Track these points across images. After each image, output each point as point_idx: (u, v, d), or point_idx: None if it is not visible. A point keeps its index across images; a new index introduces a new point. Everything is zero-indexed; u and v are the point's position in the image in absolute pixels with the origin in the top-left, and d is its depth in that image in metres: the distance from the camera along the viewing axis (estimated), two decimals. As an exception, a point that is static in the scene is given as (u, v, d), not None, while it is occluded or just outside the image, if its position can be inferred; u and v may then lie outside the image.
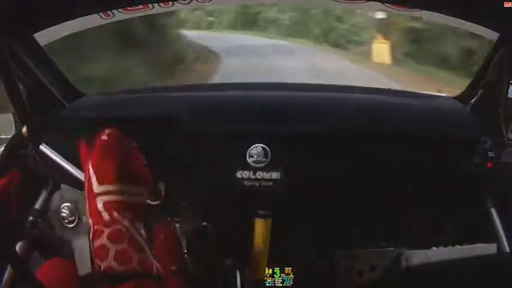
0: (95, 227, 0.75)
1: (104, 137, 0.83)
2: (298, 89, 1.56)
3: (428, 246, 1.29)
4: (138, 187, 0.80)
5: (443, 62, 8.28)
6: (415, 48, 9.30)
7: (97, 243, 0.74)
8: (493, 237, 1.25)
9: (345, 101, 1.47)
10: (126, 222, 0.75)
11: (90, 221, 0.76)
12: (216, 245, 1.25)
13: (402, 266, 1.28)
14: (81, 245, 0.95)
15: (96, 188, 0.77)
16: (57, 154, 1.15)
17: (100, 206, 0.76)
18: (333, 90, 1.60)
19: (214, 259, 1.23)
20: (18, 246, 1.21)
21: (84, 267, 0.92)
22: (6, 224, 0.92)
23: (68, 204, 1.30)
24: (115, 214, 0.75)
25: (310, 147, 1.31)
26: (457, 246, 1.26)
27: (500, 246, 1.23)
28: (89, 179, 0.78)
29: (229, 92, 1.56)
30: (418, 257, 1.29)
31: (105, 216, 0.75)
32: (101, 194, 0.76)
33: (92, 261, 0.79)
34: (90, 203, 0.77)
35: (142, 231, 0.77)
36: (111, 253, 0.72)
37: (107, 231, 0.74)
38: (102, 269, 0.72)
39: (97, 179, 0.77)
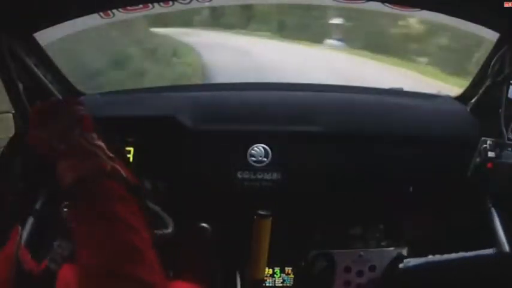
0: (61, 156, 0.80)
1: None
2: (298, 89, 1.56)
3: (428, 246, 1.29)
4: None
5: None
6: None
7: (63, 164, 0.78)
8: (492, 237, 1.25)
9: (345, 101, 1.47)
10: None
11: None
12: (216, 245, 1.25)
13: (402, 266, 1.28)
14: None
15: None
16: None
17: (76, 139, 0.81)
18: (333, 90, 1.60)
19: (214, 259, 1.23)
20: (18, 247, 1.21)
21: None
22: (6, 224, 0.92)
23: (68, 204, 1.30)
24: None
25: (310, 147, 1.31)
26: (457, 246, 1.26)
27: (499, 246, 1.23)
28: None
29: (229, 92, 1.56)
30: (418, 256, 1.29)
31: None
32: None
33: None
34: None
35: (98, 142, 0.82)
36: (79, 165, 0.77)
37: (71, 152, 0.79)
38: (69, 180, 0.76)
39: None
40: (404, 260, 1.29)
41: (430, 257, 1.26)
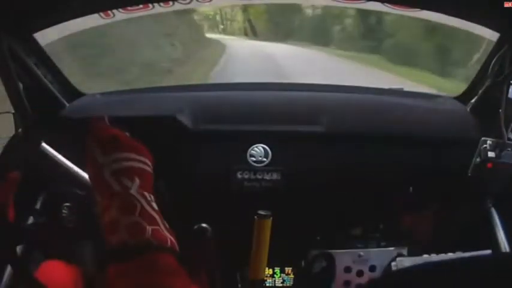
0: (104, 202, 0.70)
1: (96, 120, 0.83)
2: (299, 89, 1.56)
3: (428, 246, 1.29)
4: (142, 156, 0.76)
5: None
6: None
7: (106, 217, 0.69)
8: (492, 237, 1.25)
9: (345, 101, 1.47)
10: (135, 193, 0.70)
11: (98, 197, 0.72)
12: (216, 245, 1.24)
13: (402, 266, 1.28)
14: (80, 245, 0.95)
15: (101, 158, 0.73)
16: (57, 154, 1.15)
17: (107, 175, 0.71)
18: (333, 90, 1.60)
19: (214, 259, 1.23)
20: (18, 246, 1.21)
21: (83, 267, 0.92)
22: (6, 224, 0.92)
23: (68, 204, 1.30)
24: (124, 181, 0.70)
25: (310, 147, 1.31)
26: (457, 246, 1.26)
27: (499, 246, 1.23)
28: (92, 154, 0.74)
29: (230, 92, 1.56)
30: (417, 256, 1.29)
31: (114, 185, 0.70)
32: (108, 163, 0.72)
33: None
34: (96, 176, 0.72)
35: (154, 204, 0.72)
36: (122, 225, 0.67)
37: (116, 203, 0.69)
38: (113, 243, 0.67)
39: (101, 150, 0.74)
40: (398, 259, 1.28)
41: (430, 257, 1.26)
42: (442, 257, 1.24)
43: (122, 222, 0.67)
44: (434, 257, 1.24)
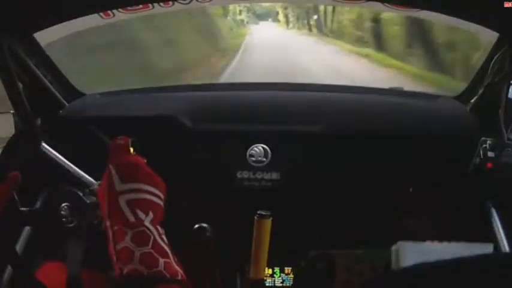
0: (116, 228, 0.71)
1: (120, 141, 0.81)
2: (299, 89, 1.57)
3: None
4: (158, 189, 0.77)
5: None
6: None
7: (120, 245, 0.70)
8: (492, 237, 1.25)
9: (345, 101, 1.47)
10: (149, 225, 0.72)
11: (109, 222, 0.72)
12: (216, 245, 1.25)
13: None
14: (76, 246, 0.95)
15: (118, 186, 0.73)
16: (57, 154, 1.15)
17: (123, 203, 0.72)
18: (333, 90, 1.60)
19: (214, 259, 1.23)
20: (18, 246, 1.21)
21: (74, 267, 0.92)
22: (6, 224, 0.92)
23: (68, 204, 1.30)
24: (139, 213, 0.72)
25: (310, 147, 1.31)
26: (457, 246, 1.26)
27: (499, 246, 1.23)
28: (110, 177, 0.75)
29: (230, 92, 1.56)
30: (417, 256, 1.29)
31: (129, 215, 0.71)
32: (124, 192, 0.73)
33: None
34: (111, 202, 0.73)
35: (164, 238, 0.73)
36: (136, 256, 0.68)
37: (130, 232, 0.70)
38: (125, 272, 0.68)
39: (120, 176, 0.74)
40: (398, 242, 1.25)
41: (430, 257, 1.25)
42: (445, 245, 1.23)
43: (136, 253, 0.69)
44: (437, 245, 1.23)
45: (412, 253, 1.17)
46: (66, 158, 1.14)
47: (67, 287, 0.91)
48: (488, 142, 1.25)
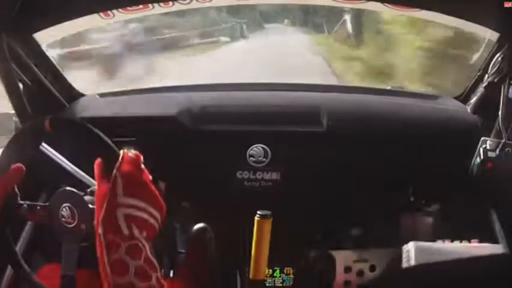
0: (109, 238, 0.72)
1: (132, 155, 0.80)
2: (299, 89, 1.56)
3: None
4: (158, 212, 0.78)
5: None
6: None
7: (114, 256, 0.71)
8: (492, 238, 1.25)
9: (345, 101, 1.47)
10: (142, 239, 0.73)
11: (101, 230, 0.72)
12: (216, 245, 1.25)
13: (402, 266, 1.28)
14: (72, 246, 0.95)
15: (120, 197, 0.73)
16: (57, 154, 1.15)
17: (120, 216, 0.72)
18: (333, 90, 1.60)
19: (215, 259, 1.23)
20: (18, 246, 1.21)
21: (69, 267, 0.92)
22: (6, 223, 0.92)
23: (68, 204, 1.30)
24: (134, 230, 0.73)
25: (310, 147, 1.31)
26: (467, 246, 1.26)
27: (499, 247, 1.23)
28: (114, 186, 0.74)
29: (229, 92, 1.56)
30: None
31: (124, 229, 0.72)
32: (125, 205, 0.73)
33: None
34: (108, 211, 0.73)
35: (153, 253, 0.75)
36: (131, 269, 0.70)
37: (124, 245, 0.71)
38: (121, 282, 0.70)
39: (124, 190, 0.74)
40: (410, 243, 1.24)
41: (429, 257, 1.25)
42: (455, 245, 1.23)
43: (131, 266, 0.71)
44: (448, 244, 1.23)
45: (423, 252, 1.18)
46: (66, 158, 1.14)
47: (61, 286, 0.91)
48: (488, 142, 1.25)
